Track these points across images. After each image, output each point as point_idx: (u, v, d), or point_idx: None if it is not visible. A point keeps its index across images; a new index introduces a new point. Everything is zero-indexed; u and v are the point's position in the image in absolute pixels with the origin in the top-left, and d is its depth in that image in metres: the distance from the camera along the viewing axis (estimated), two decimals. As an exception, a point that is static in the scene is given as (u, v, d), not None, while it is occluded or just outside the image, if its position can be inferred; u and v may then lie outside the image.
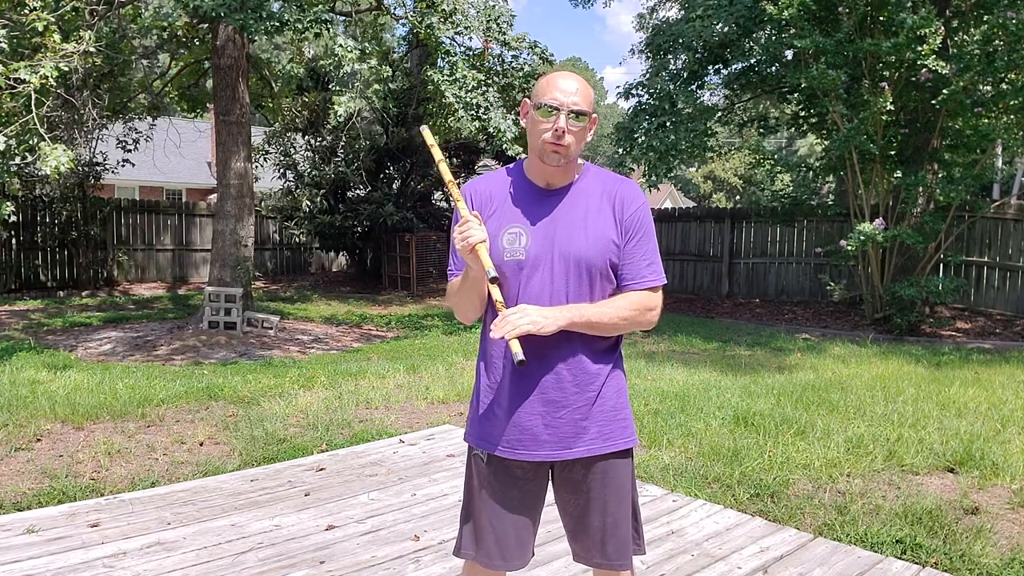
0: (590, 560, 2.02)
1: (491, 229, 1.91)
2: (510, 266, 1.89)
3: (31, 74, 7.04)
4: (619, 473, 1.97)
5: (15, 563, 2.94)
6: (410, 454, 4.53)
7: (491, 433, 1.95)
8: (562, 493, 2.00)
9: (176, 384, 6.24)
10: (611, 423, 1.95)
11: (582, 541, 2.01)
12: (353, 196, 16.11)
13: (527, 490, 1.97)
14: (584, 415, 1.91)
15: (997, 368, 7.42)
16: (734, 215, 14.63)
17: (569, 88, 1.87)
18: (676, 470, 4.22)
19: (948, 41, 10.13)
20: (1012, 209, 11.19)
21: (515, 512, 1.96)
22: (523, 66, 10.92)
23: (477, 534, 1.99)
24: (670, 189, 36.95)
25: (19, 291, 13.94)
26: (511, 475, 1.96)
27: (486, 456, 1.97)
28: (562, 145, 1.86)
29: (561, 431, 1.90)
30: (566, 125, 1.85)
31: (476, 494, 2.00)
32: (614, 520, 1.97)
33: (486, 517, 1.97)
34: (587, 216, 1.92)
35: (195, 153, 24.79)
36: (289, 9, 8.49)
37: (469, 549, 2.00)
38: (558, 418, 1.90)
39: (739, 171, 37.85)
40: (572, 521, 2.01)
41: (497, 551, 1.96)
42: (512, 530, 1.96)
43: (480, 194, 1.98)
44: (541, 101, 1.87)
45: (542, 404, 1.90)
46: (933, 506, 3.66)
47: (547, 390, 1.90)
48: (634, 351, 8.63)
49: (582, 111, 1.86)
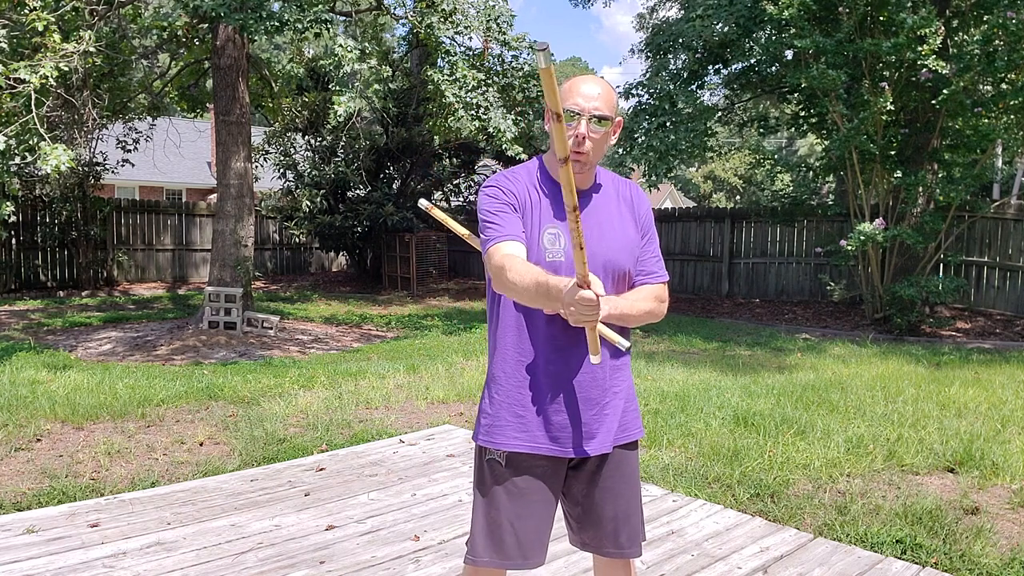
0: (601, 549, 2.03)
1: (530, 228, 1.91)
2: (550, 267, 1.87)
3: (31, 74, 7.04)
4: (631, 463, 2.03)
5: (15, 563, 2.94)
6: (410, 454, 4.53)
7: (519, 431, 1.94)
8: (575, 486, 2.01)
9: (176, 384, 6.24)
10: (626, 414, 2.00)
11: (594, 531, 2.03)
12: (353, 196, 16.11)
13: (547, 488, 1.97)
14: (606, 408, 1.95)
15: (997, 368, 7.42)
16: (734, 215, 14.62)
17: (591, 93, 1.86)
18: (676, 470, 4.22)
19: (948, 41, 10.13)
20: (1012, 209, 11.19)
21: (536, 510, 1.96)
22: (523, 66, 10.91)
23: (495, 537, 1.96)
24: (670, 189, 36.96)
25: (19, 291, 13.94)
26: (532, 474, 1.95)
27: (504, 458, 1.95)
28: (582, 152, 1.86)
29: (590, 426, 1.93)
30: (587, 131, 1.85)
31: (493, 498, 1.97)
32: (627, 510, 2.01)
33: (505, 519, 1.94)
34: (613, 220, 1.96)
35: (195, 153, 24.78)
36: (289, 9, 8.49)
37: (484, 555, 1.97)
38: (592, 415, 1.93)
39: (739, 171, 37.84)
40: (584, 512, 2.02)
41: (518, 551, 1.95)
42: (534, 529, 1.96)
43: (516, 194, 1.93)
44: (563, 106, 1.84)
45: (569, 400, 1.92)
46: (933, 506, 3.66)
47: (579, 387, 1.92)
48: (634, 351, 8.63)
49: (604, 116, 1.86)
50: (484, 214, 1.91)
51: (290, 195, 15.94)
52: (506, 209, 1.89)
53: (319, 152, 15.88)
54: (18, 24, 7.79)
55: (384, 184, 16.40)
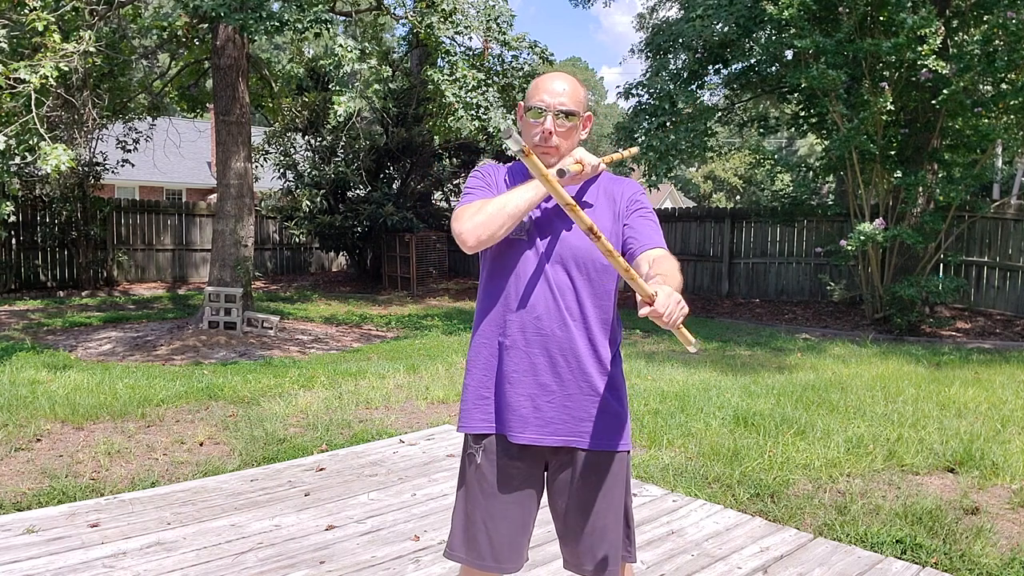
0: (580, 568, 1.98)
1: None
2: (516, 244, 1.91)
3: (31, 74, 7.04)
4: (612, 476, 1.94)
5: (15, 563, 2.94)
6: (410, 454, 4.53)
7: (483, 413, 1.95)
8: (553, 494, 1.99)
9: (176, 384, 6.24)
10: (606, 419, 1.93)
11: (572, 547, 1.99)
12: (353, 196, 16.12)
13: (522, 490, 1.94)
14: (579, 402, 1.91)
15: (997, 368, 7.42)
16: (734, 215, 14.62)
17: (556, 89, 1.91)
18: (676, 470, 4.22)
19: (948, 41, 10.13)
20: (1012, 209, 11.19)
21: (510, 513, 1.94)
22: (523, 66, 10.92)
23: (468, 534, 1.95)
24: (670, 189, 36.94)
25: (19, 291, 13.94)
26: (506, 473, 1.93)
27: (480, 452, 1.95)
28: (550, 146, 1.92)
29: (558, 414, 1.90)
30: (553, 127, 1.90)
31: (469, 493, 1.97)
32: (603, 525, 1.94)
33: (479, 516, 1.94)
34: (593, 213, 1.96)
35: (195, 153, 24.78)
36: (289, 9, 8.49)
37: (459, 551, 1.96)
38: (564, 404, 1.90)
39: (739, 171, 37.85)
40: (561, 524, 1.99)
41: (490, 552, 1.93)
42: (506, 531, 1.93)
43: (493, 177, 2.03)
44: (530, 104, 1.93)
45: (533, 387, 1.90)
46: (933, 506, 3.66)
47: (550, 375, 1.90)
48: (634, 351, 8.63)
49: (570, 111, 1.91)
50: (465, 189, 2.02)
51: (290, 195, 15.95)
52: (483, 187, 2.00)
53: (319, 152, 15.88)
54: (18, 24, 7.79)
55: (384, 184, 16.41)
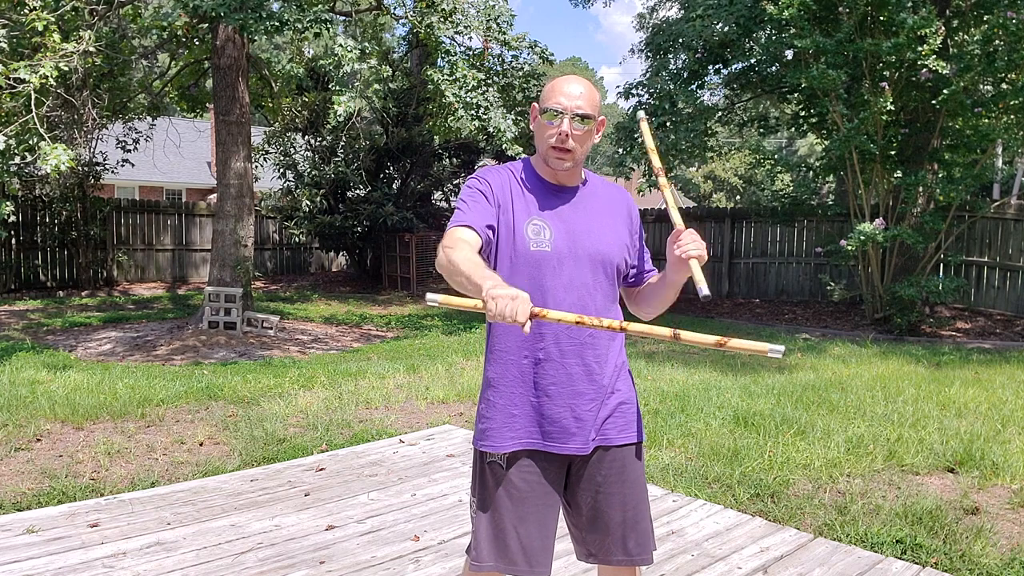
0: (610, 557, 1.98)
1: (512, 218, 1.93)
2: (536, 256, 1.90)
3: (31, 74, 7.04)
4: (636, 467, 2.00)
5: (15, 563, 2.94)
6: (410, 454, 4.53)
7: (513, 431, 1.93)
8: (579, 492, 1.98)
9: (176, 384, 6.24)
10: (624, 414, 1.99)
11: (601, 538, 1.99)
12: (353, 196, 16.11)
13: (547, 492, 1.95)
14: (600, 404, 1.95)
15: (997, 368, 7.42)
16: (734, 215, 14.62)
17: (573, 92, 1.91)
18: (676, 470, 4.22)
19: (948, 41, 10.13)
20: (1012, 209, 11.19)
21: (538, 515, 1.93)
22: (523, 66, 10.92)
23: (499, 542, 1.93)
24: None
25: (19, 291, 13.94)
26: (531, 476, 1.93)
27: (505, 460, 1.93)
28: (566, 149, 1.91)
29: (584, 422, 1.92)
30: (569, 129, 1.89)
31: (495, 501, 1.94)
32: (634, 515, 1.98)
33: (509, 523, 1.92)
34: (603, 216, 2.00)
35: (195, 153, 24.77)
36: (289, 9, 8.49)
37: (489, 560, 1.94)
38: (586, 411, 1.92)
39: (739, 171, 37.84)
40: (589, 520, 1.99)
41: (522, 556, 1.91)
42: (537, 535, 1.93)
43: (493, 185, 1.95)
44: (546, 106, 1.91)
45: (571, 397, 1.91)
46: (933, 506, 3.66)
47: (572, 383, 1.92)
48: (634, 351, 8.63)
49: (586, 115, 1.90)
50: (459, 200, 1.96)
51: (290, 195, 15.95)
52: (479, 197, 1.92)
53: (319, 152, 15.88)
54: (18, 24, 7.79)
55: (384, 184, 16.40)
